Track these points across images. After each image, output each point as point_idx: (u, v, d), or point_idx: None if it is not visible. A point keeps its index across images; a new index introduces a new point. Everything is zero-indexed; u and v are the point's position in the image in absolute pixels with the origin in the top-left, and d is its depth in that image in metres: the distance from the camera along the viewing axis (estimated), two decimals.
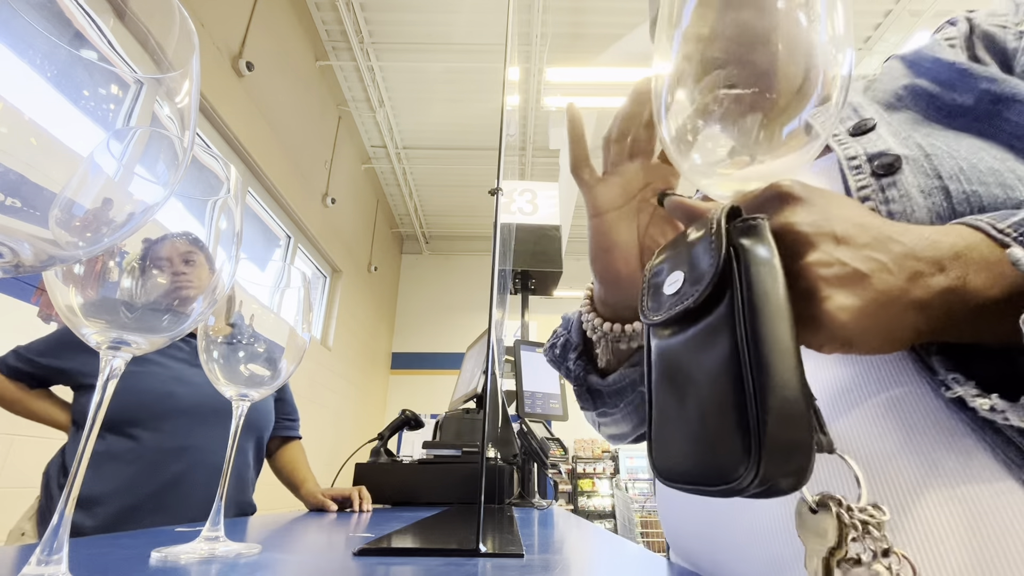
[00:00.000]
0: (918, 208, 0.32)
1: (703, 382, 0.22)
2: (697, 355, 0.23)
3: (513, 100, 4.48)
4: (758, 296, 0.21)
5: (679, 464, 0.23)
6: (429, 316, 7.27)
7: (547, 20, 4.12)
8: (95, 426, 0.31)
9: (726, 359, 0.21)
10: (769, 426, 0.19)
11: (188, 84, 0.28)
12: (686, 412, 0.23)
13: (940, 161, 0.33)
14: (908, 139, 0.35)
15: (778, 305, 0.21)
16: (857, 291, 0.23)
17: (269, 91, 3.66)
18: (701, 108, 0.28)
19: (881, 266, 0.24)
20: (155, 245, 0.35)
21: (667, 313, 0.25)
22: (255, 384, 0.51)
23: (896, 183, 0.33)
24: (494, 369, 0.76)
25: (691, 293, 0.23)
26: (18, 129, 0.21)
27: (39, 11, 0.22)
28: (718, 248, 0.23)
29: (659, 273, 0.27)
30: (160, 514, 1.00)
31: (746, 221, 0.23)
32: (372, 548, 0.46)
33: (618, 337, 0.45)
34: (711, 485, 0.21)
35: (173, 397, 1.07)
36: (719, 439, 0.21)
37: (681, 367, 0.24)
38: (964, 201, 0.31)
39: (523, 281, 2.49)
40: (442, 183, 6.18)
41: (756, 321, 0.20)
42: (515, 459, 1.48)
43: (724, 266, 0.22)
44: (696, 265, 0.24)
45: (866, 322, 0.23)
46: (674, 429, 0.23)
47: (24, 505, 1.13)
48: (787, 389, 0.19)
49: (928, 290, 0.24)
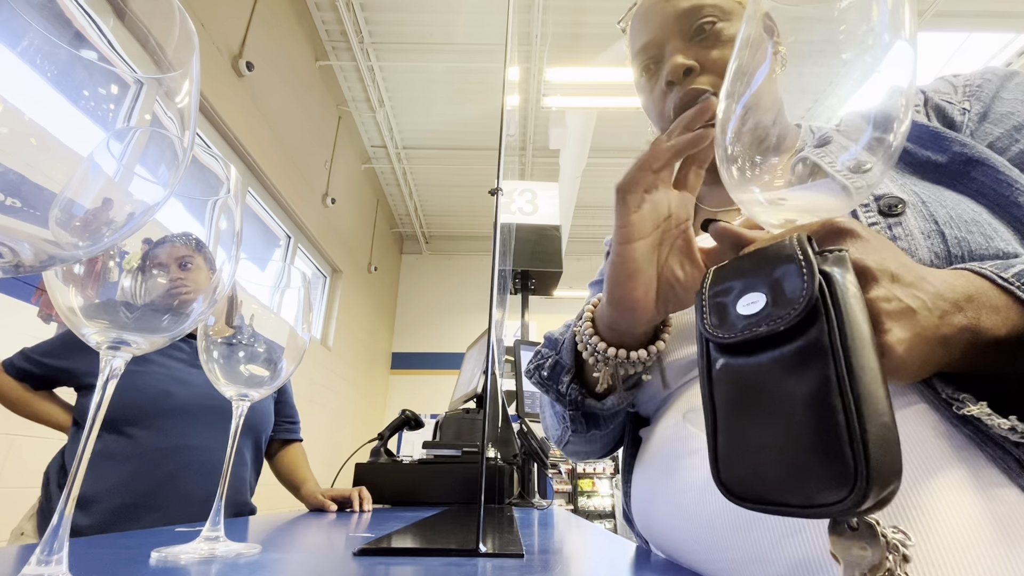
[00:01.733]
0: (920, 248, 0.35)
1: (793, 406, 0.22)
2: (784, 379, 0.23)
3: (513, 100, 4.48)
4: (851, 325, 0.22)
5: (759, 485, 0.23)
6: (429, 316, 7.27)
7: (547, 20, 4.12)
8: (95, 426, 0.31)
9: (821, 385, 0.22)
10: (872, 452, 0.20)
11: (188, 84, 0.28)
12: (768, 434, 0.23)
13: (934, 208, 0.37)
14: (904, 186, 0.39)
15: (868, 334, 0.22)
16: (907, 325, 0.26)
17: (269, 91, 3.65)
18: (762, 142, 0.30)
19: (922, 304, 0.26)
20: (153, 248, 0.35)
21: (746, 334, 0.25)
22: (255, 384, 0.51)
23: (901, 223, 0.37)
24: (494, 369, 0.75)
25: (779, 316, 0.24)
26: (18, 129, 0.21)
27: (39, 11, 0.22)
28: (810, 274, 0.23)
29: (726, 292, 0.27)
30: (156, 513, 1.00)
31: (831, 251, 0.25)
32: (372, 548, 0.46)
33: (622, 363, 0.45)
34: (800, 507, 0.21)
35: (170, 397, 1.08)
36: (813, 464, 0.21)
37: (760, 388, 0.24)
38: (957, 245, 0.35)
39: (523, 281, 2.49)
40: (442, 183, 6.18)
41: (850, 349, 0.21)
42: (515, 459, 1.48)
43: (818, 292, 0.23)
44: (782, 288, 0.24)
45: (912, 354, 0.26)
46: (752, 450, 0.24)
47: (24, 505, 1.13)
48: (883, 416, 0.20)
49: (952, 327, 0.27)
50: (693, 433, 0.43)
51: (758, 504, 0.23)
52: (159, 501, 1.02)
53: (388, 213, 6.82)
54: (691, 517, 0.40)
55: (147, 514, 1.00)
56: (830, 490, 0.20)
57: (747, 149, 0.30)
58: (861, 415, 0.20)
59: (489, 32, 4.22)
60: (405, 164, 5.82)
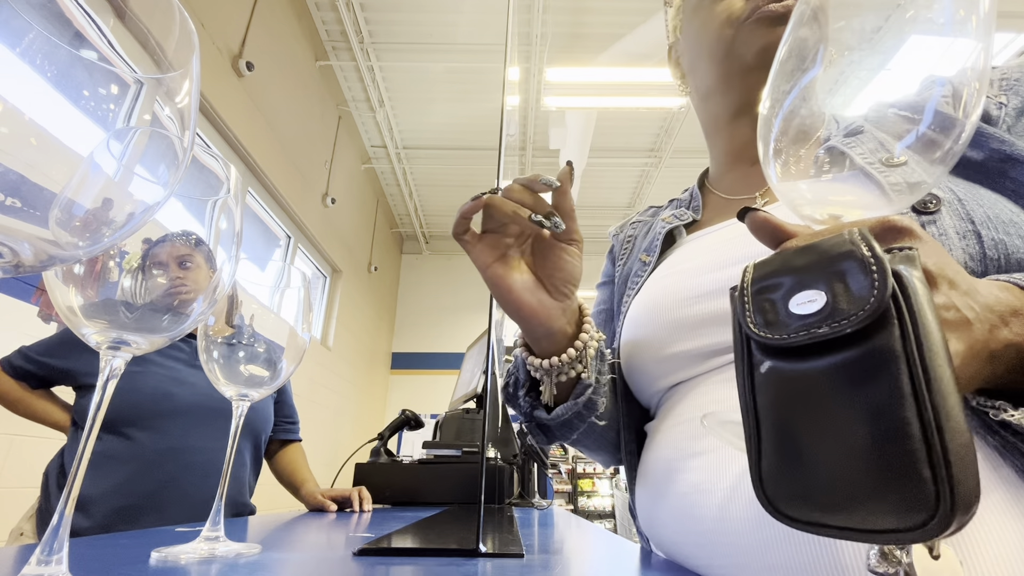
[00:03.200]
0: (955, 248, 0.33)
1: (857, 419, 0.20)
2: (847, 387, 0.21)
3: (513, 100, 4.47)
4: (926, 330, 0.20)
5: (814, 505, 0.21)
6: (429, 316, 7.27)
7: (547, 20, 4.12)
8: (95, 426, 0.31)
9: (892, 396, 0.20)
10: (955, 473, 0.18)
11: (188, 84, 0.28)
12: (827, 448, 0.21)
13: (971, 207, 0.34)
14: (942, 182, 0.36)
15: (942, 341, 0.20)
16: (963, 337, 0.24)
17: (269, 91, 3.65)
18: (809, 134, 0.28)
19: (976, 315, 0.25)
20: (153, 248, 0.35)
21: (803, 335, 0.22)
22: (255, 384, 0.51)
23: (936, 222, 0.34)
24: (494, 369, 0.75)
25: (845, 317, 0.21)
26: (18, 129, 0.21)
27: (39, 11, 0.22)
28: (881, 272, 0.21)
29: (774, 288, 0.25)
30: (156, 514, 1.00)
31: (900, 249, 0.22)
32: (372, 548, 0.46)
33: (557, 370, 0.47)
34: (864, 531, 0.20)
35: (170, 397, 1.07)
36: (881, 485, 0.19)
37: (816, 396, 0.22)
38: (994, 247, 0.32)
39: None
40: (442, 183, 6.18)
41: (926, 357, 0.19)
42: (515, 459, 1.48)
43: (892, 292, 0.21)
44: (846, 287, 0.22)
45: (965, 369, 0.24)
46: (806, 465, 0.22)
47: (24, 505, 1.13)
48: (964, 434, 0.19)
49: (999, 342, 0.25)
50: (698, 434, 0.43)
51: (812, 526, 0.21)
52: (159, 502, 1.02)
53: (388, 213, 6.82)
54: (693, 520, 0.40)
55: (147, 515, 1.00)
56: (903, 514, 0.18)
57: (791, 144, 0.28)
58: (942, 431, 0.18)
59: (489, 32, 4.22)
60: (405, 164, 5.82)
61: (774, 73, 0.29)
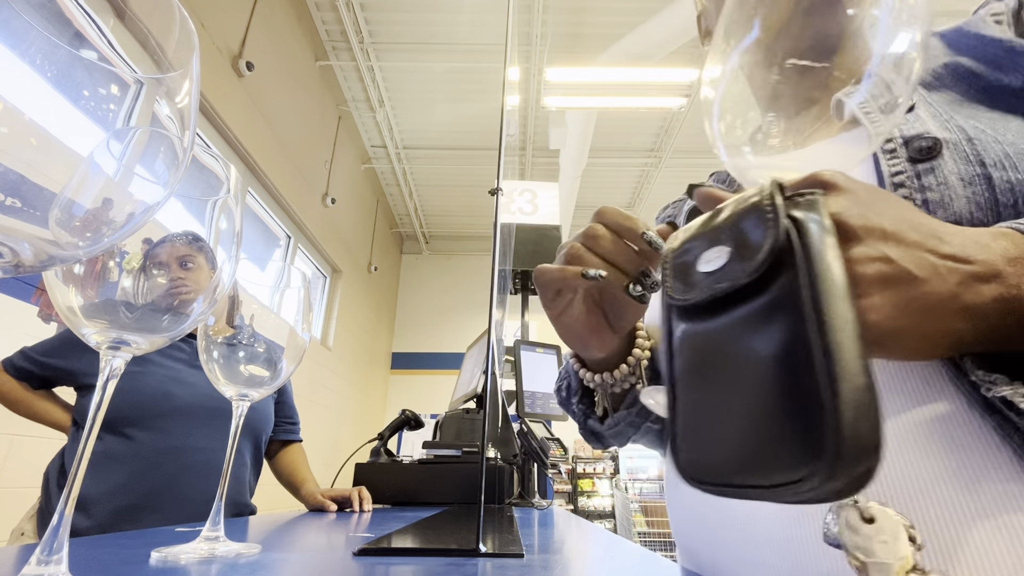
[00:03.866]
0: (956, 198, 0.29)
1: (756, 369, 0.20)
2: (747, 339, 0.20)
3: (513, 100, 4.48)
4: (823, 271, 0.19)
5: (719, 464, 0.20)
6: (429, 316, 7.27)
7: (547, 20, 4.12)
8: (95, 426, 0.31)
9: (787, 342, 0.19)
10: (844, 418, 0.17)
11: (188, 84, 0.28)
12: (729, 404, 0.20)
13: (984, 146, 0.30)
14: (949, 121, 0.33)
15: (843, 282, 0.19)
16: (895, 291, 0.22)
17: (269, 91, 3.65)
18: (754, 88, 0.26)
19: (929, 267, 0.22)
20: (154, 248, 0.35)
21: (706, 292, 0.22)
22: (255, 384, 0.51)
23: (934, 169, 0.31)
24: (494, 369, 0.75)
25: (742, 268, 0.21)
26: (18, 129, 0.21)
27: (39, 11, 0.22)
28: (775, 219, 0.20)
29: (688, 251, 0.24)
30: (156, 514, 1.00)
31: (803, 194, 0.22)
32: (372, 548, 0.46)
33: (609, 385, 0.46)
34: (763, 486, 0.19)
35: (170, 398, 1.07)
36: (777, 434, 0.18)
37: (722, 353, 0.21)
38: (1008, 191, 0.28)
39: (523, 281, 2.49)
40: (442, 183, 6.18)
41: (822, 299, 0.18)
42: (515, 459, 1.48)
43: (784, 238, 0.20)
44: (746, 240, 0.21)
45: (903, 324, 0.22)
46: (712, 424, 0.21)
47: (24, 505, 1.13)
48: (858, 377, 0.17)
49: (979, 296, 0.22)
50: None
51: (720, 487, 0.20)
52: (159, 502, 1.02)
53: (388, 213, 6.82)
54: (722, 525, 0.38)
55: (147, 515, 1.00)
56: (795, 466, 0.17)
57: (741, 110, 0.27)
58: (833, 375, 0.17)
59: (489, 32, 4.22)
60: (405, 164, 5.82)
61: (716, 40, 0.28)
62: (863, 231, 0.23)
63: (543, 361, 1.82)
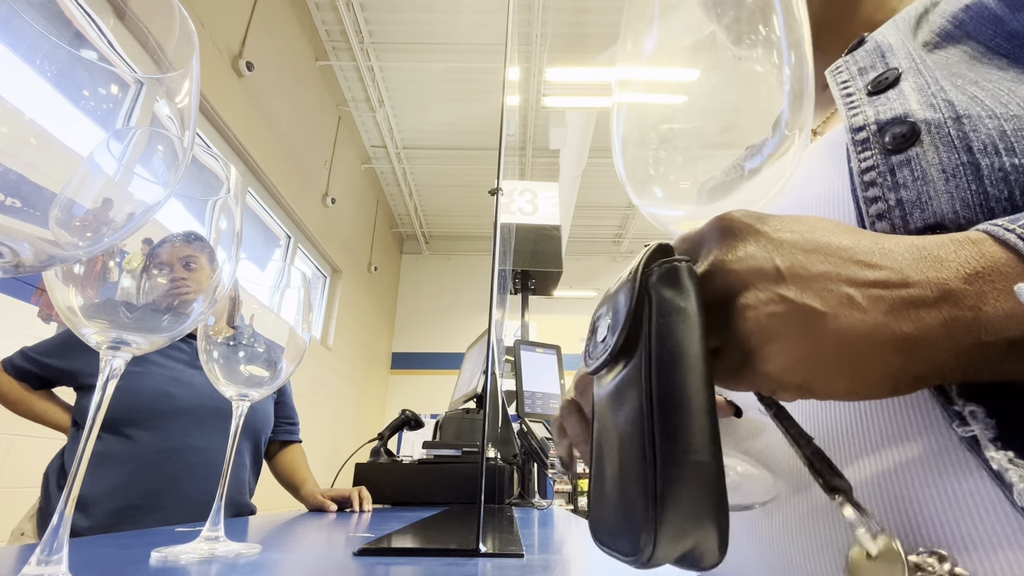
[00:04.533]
0: (937, 195, 0.24)
1: (617, 440, 0.21)
2: (615, 409, 0.21)
3: (513, 100, 4.48)
4: (667, 348, 0.19)
5: (601, 529, 0.21)
6: (429, 316, 7.27)
7: (547, 20, 4.12)
8: (95, 426, 0.31)
9: (633, 418, 0.19)
10: (668, 496, 0.17)
11: (188, 84, 0.28)
12: (607, 473, 0.21)
13: (975, 125, 0.24)
14: (939, 95, 0.27)
15: (690, 358, 0.19)
16: (801, 333, 0.20)
17: (269, 91, 3.65)
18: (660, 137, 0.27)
19: (842, 298, 0.19)
20: (157, 247, 0.35)
21: (595, 362, 0.23)
22: (255, 384, 0.51)
23: (910, 161, 0.25)
24: (494, 369, 0.75)
25: (611, 342, 0.22)
26: (18, 129, 0.21)
27: (39, 11, 0.22)
28: (630, 294, 0.21)
29: (598, 317, 0.25)
30: (156, 514, 1.00)
31: (663, 264, 0.21)
32: (372, 548, 0.46)
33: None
34: (624, 556, 0.19)
35: (171, 398, 1.07)
36: (628, 505, 0.19)
37: (604, 422, 0.22)
38: (1002, 180, 0.23)
39: (523, 281, 2.49)
40: (442, 183, 6.18)
41: (662, 376, 0.19)
42: (515, 459, 1.48)
43: (636, 313, 0.21)
44: (617, 312, 0.22)
45: (817, 368, 0.20)
46: (599, 490, 0.22)
47: (24, 505, 1.13)
48: (696, 454, 0.18)
49: (919, 324, 0.19)
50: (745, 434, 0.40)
51: (604, 548, 0.21)
52: (159, 502, 1.02)
53: (388, 213, 6.82)
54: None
55: (147, 515, 1.00)
56: (634, 538, 0.18)
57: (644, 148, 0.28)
58: (664, 453, 0.18)
59: (489, 32, 4.21)
60: (405, 164, 5.82)
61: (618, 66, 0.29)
62: (751, 274, 0.21)
63: (543, 361, 1.82)
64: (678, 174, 0.27)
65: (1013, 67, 0.27)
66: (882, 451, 0.25)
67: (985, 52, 0.28)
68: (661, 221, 0.28)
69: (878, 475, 0.25)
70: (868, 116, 0.28)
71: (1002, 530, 0.20)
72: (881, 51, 0.32)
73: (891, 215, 0.25)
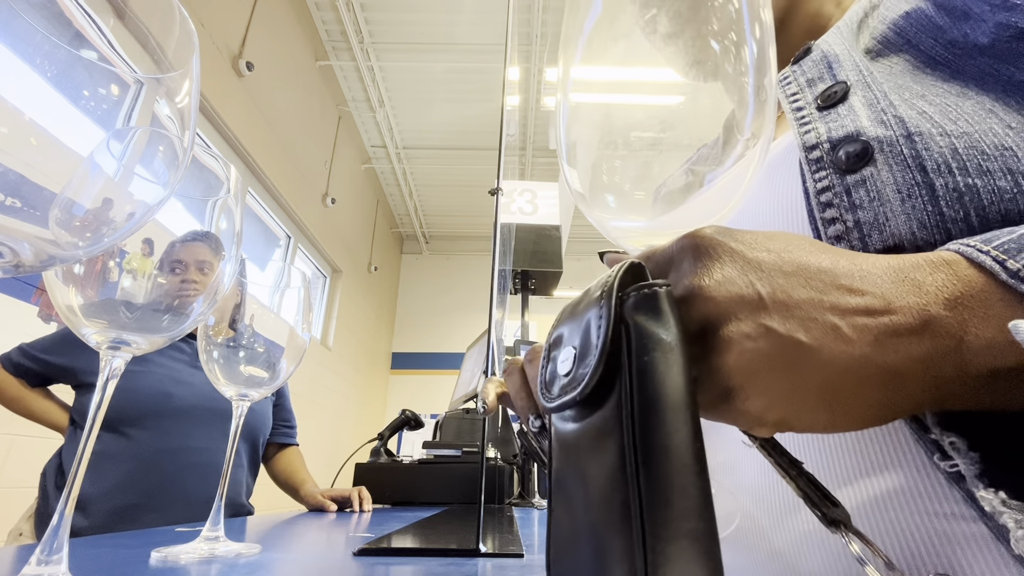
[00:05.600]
0: (893, 216, 0.23)
1: (592, 493, 0.18)
2: (588, 454, 0.18)
3: (513, 100, 4.47)
4: (650, 393, 0.16)
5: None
6: (429, 316, 7.27)
7: (547, 20, 4.12)
8: (95, 426, 0.31)
9: (612, 475, 0.16)
10: (663, 569, 0.14)
11: (188, 84, 0.28)
12: (576, 522, 0.18)
13: (927, 143, 0.24)
14: (888, 111, 0.26)
15: (679, 404, 0.16)
16: (787, 369, 0.18)
17: (269, 91, 3.65)
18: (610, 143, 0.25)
19: (828, 329, 0.18)
20: (177, 244, 0.35)
21: (559, 399, 0.20)
22: (255, 384, 0.51)
23: (865, 181, 0.25)
24: (494, 369, 0.75)
25: (581, 378, 0.19)
26: (18, 129, 0.21)
27: (39, 11, 0.22)
28: (604, 325, 0.18)
29: (556, 343, 0.22)
30: (154, 514, 1.00)
31: (641, 289, 0.18)
32: (372, 548, 0.46)
33: None
34: None
35: (170, 398, 1.07)
36: (610, 568, 0.16)
37: (573, 464, 0.19)
38: (957, 201, 0.22)
39: (523, 281, 2.49)
40: (442, 183, 6.18)
41: (648, 426, 0.16)
42: (515, 459, 1.48)
43: (612, 346, 0.18)
44: (587, 341, 0.19)
45: (801, 406, 0.19)
46: (564, 540, 0.19)
47: (24, 505, 1.13)
48: (688, 521, 0.15)
49: (904, 355, 0.18)
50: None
51: None
52: (158, 502, 1.02)
53: (388, 213, 6.82)
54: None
55: (146, 515, 1.00)
56: None
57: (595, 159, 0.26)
58: (655, 522, 0.15)
59: (489, 32, 4.21)
60: (405, 164, 5.82)
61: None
62: (734, 303, 0.19)
63: None
64: (633, 181, 0.25)
65: (956, 79, 0.26)
66: (868, 479, 0.25)
67: (927, 61, 0.28)
68: (614, 236, 0.26)
69: (864, 504, 0.24)
70: (820, 134, 0.28)
71: (999, 571, 0.19)
72: (828, 61, 0.31)
73: (849, 236, 0.25)
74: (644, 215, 0.25)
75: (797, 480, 0.20)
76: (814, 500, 0.20)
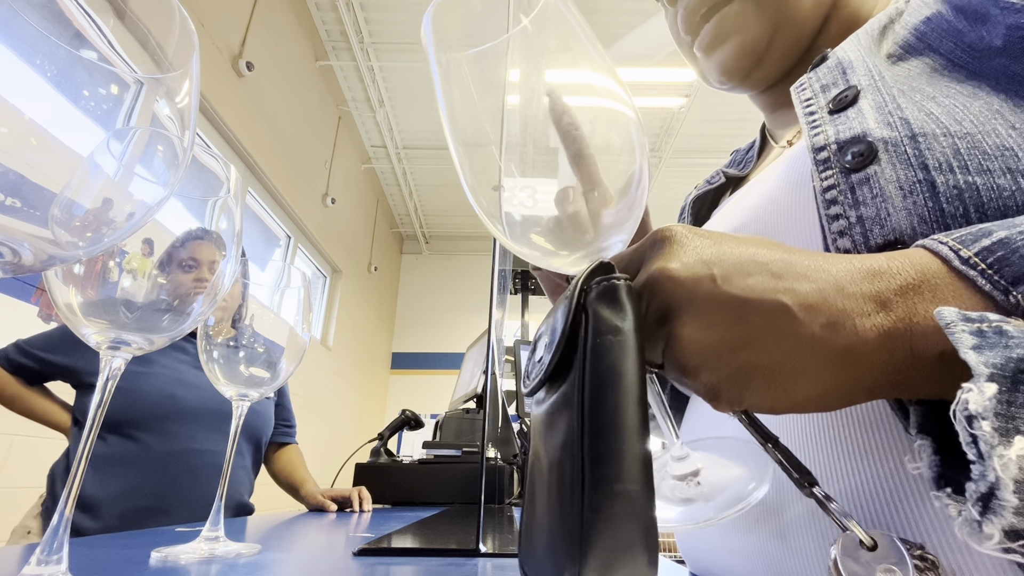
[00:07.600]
0: (895, 211, 0.24)
1: (547, 468, 0.20)
2: (547, 435, 0.20)
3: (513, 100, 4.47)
4: (602, 368, 0.18)
5: (528, 561, 0.20)
6: (429, 316, 7.27)
7: None
8: (95, 426, 0.31)
9: (565, 443, 0.18)
10: (596, 524, 0.16)
11: (188, 84, 0.28)
12: (537, 500, 0.20)
13: (930, 143, 0.25)
14: (895, 113, 0.27)
15: (625, 379, 0.18)
16: (737, 352, 0.19)
17: (269, 91, 3.65)
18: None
19: (779, 313, 0.19)
20: (191, 239, 0.35)
21: (531, 382, 0.22)
22: (255, 384, 0.51)
23: (869, 179, 0.26)
24: (494, 369, 0.75)
25: (545, 361, 0.21)
26: (18, 129, 0.21)
27: (39, 11, 0.22)
28: (566, 313, 0.20)
29: (538, 338, 0.24)
30: (163, 517, 1.00)
31: (601, 282, 0.20)
32: (372, 548, 0.46)
33: None
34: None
35: (175, 400, 1.07)
36: (554, 537, 0.18)
37: (537, 447, 0.22)
38: (956, 198, 0.23)
39: (523, 281, 2.49)
40: (442, 183, 6.18)
41: (595, 397, 0.18)
42: (515, 459, 1.48)
43: (572, 331, 0.20)
44: (554, 329, 0.21)
45: (749, 382, 0.20)
46: (529, 520, 0.21)
47: (25, 505, 1.13)
48: (625, 482, 0.16)
49: (855, 337, 0.18)
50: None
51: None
52: (166, 505, 1.02)
53: (388, 213, 6.82)
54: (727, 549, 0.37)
55: (154, 518, 1.00)
56: (562, 571, 0.17)
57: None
58: (594, 480, 0.16)
59: None
60: (405, 164, 5.82)
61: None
62: (692, 284, 0.21)
63: None
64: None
65: (970, 80, 0.27)
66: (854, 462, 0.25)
67: (946, 64, 0.29)
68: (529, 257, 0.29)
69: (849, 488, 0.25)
70: (828, 135, 0.29)
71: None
72: (842, 67, 0.33)
73: (852, 232, 0.26)
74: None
75: (773, 451, 0.22)
76: (787, 467, 0.21)
